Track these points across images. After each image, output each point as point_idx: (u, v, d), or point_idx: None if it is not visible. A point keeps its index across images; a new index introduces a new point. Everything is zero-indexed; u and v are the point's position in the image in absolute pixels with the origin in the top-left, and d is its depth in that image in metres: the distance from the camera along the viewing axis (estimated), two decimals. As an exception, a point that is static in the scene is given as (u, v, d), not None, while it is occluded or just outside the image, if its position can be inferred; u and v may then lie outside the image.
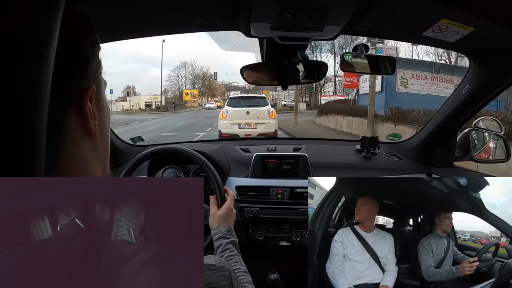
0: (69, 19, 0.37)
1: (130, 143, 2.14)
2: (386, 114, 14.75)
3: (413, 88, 17.38)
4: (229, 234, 1.21)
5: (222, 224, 1.26)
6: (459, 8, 1.03)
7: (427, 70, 17.61)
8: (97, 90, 0.49)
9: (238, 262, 1.09)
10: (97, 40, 0.49)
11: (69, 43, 0.42)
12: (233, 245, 1.16)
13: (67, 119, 0.44)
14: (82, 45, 0.46)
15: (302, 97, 38.54)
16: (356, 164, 2.02)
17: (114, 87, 35.02)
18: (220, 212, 1.31)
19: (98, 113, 0.49)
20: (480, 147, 1.81)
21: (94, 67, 0.48)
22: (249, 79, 1.52)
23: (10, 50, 0.28)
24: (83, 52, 0.46)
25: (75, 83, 0.45)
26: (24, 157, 0.31)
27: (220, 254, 1.13)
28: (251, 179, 1.86)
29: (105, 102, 0.53)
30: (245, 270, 1.05)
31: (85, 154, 0.47)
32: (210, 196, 1.41)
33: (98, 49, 0.50)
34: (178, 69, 51.10)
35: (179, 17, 1.23)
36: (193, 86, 50.45)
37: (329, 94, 33.39)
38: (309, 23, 1.14)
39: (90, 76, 0.47)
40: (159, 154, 1.60)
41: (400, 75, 17.27)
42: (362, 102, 20.02)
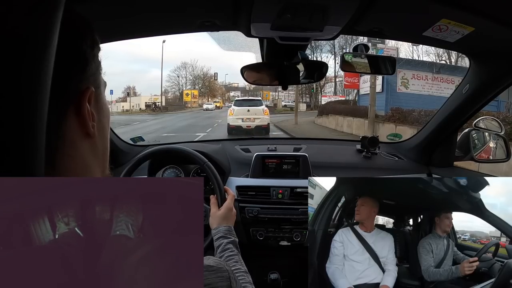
0: (68, 20, 0.37)
1: (131, 143, 2.14)
2: (387, 114, 14.71)
3: (413, 89, 17.40)
4: (229, 234, 1.21)
5: (222, 224, 1.26)
6: (459, 8, 1.04)
7: (428, 70, 17.66)
8: (96, 91, 0.49)
9: (238, 262, 1.09)
10: (96, 41, 0.49)
11: (68, 44, 0.42)
12: (233, 244, 1.16)
13: (66, 121, 0.44)
14: (81, 46, 0.46)
15: (303, 98, 38.41)
16: (356, 164, 2.02)
17: (114, 87, 34.53)
18: (220, 212, 1.31)
19: (97, 114, 0.49)
20: (480, 147, 1.81)
21: (93, 68, 0.48)
22: (249, 79, 1.52)
23: (9, 50, 0.28)
24: (82, 53, 0.46)
25: (73, 85, 0.45)
26: (24, 158, 0.31)
27: (220, 254, 1.12)
28: (252, 179, 1.86)
29: (105, 103, 0.53)
30: (245, 270, 1.05)
31: (83, 155, 0.47)
32: (211, 196, 1.41)
33: (97, 50, 0.50)
34: (179, 69, 50.56)
35: (180, 17, 1.23)
36: (194, 87, 49.55)
37: (330, 94, 33.24)
38: (309, 23, 1.14)
39: (89, 78, 0.47)
40: (159, 154, 1.60)
41: (400, 75, 17.29)
42: (362, 102, 20.02)
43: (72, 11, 0.45)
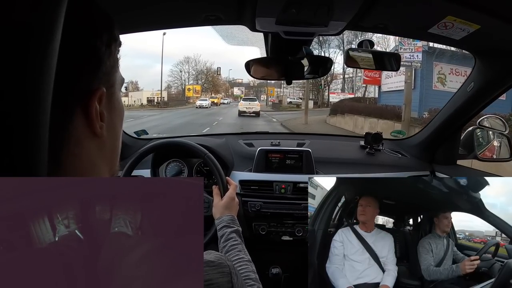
0: (83, 15, 0.36)
1: (134, 137, 2.15)
2: (422, 116, 12.71)
3: (451, 86, 14.19)
4: (232, 223, 1.22)
5: (225, 213, 1.26)
6: (465, 5, 1.03)
7: (467, 65, 12.77)
8: (110, 90, 0.47)
9: (241, 251, 1.10)
10: (114, 38, 0.47)
11: (80, 42, 0.40)
12: (236, 234, 1.17)
13: (72, 120, 0.42)
14: (95, 44, 0.43)
15: (310, 94, 35.87)
16: (359, 160, 2.02)
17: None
18: (223, 202, 1.31)
19: (108, 113, 0.47)
20: (484, 145, 1.80)
21: (107, 67, 0.46)
22: (253, 73, 1.52)
23: (11, 45, 0.28)
24: (95, 52, 0.43)
25: (83, 84, 0.42)
26: (27, 155, 0.31)
27: (224, 243, 1.13)
28: (255, 173, 1.87)
29: (119, 102, 0.51)
30: (248, 259, 1.06)
31: (90, 154, 0.46)
32: (213, 186, 1.42)
33: (115, 48, 0.47)
34: (181, 64, 50.03)
35: (184, 10, 1.23)
36: (196, 82, 48.96)
37: (337, 91, 32.83)
38: (314, 18, 1.14)
39: (102, 77, 0.45)
40: (161, 148, 1.61)
41: (437, 69, 14.99)
42: (384, 100, 18.27)
43: (91, 5, 0.43)
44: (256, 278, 0.99)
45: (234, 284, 0.61)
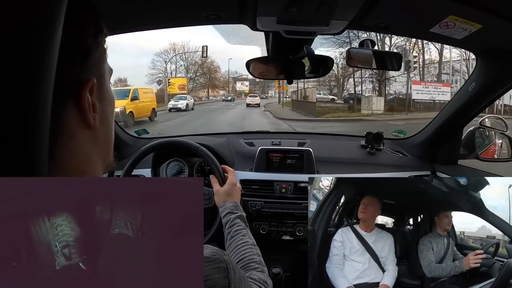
0: (70, 8, 0.36)
1: (135, 136, 2.15)
2: None
3: None
4: (236, 209, 1.22)
5: (228, 200, 1.26)
6: (467, 5, 1.03)
7: None
8: (100, 81, 0.47)
9: (245, 235, 1.10)
10: (101, 29, 0.47)
11: (68, 33, 0.39)
12: (240, 219, 1.17)
13: (65, 112, 0.42)
14: (82, 35, 0.44)
15: (362, 85, 24.96)
16: (360, 160, 2.02)
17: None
18: (224, 189, 1.31)
19: (99, 104, 0.47)
20: (485, 145, 1.79)
21: (96, 58, 0.46)
22: (255, 72, 1.52)
23: (12, 43, 0.28)
24: (83, 43, 0.44)
25: (73, 76, 0.43)
26: (27, 151, 0.31)
27: (228, 229, 1.14)
28: (255, 173, 1.86)
29: (109, 92, 0.52)
30: (253, 243, 1.07)
31: (84, 146, 0.46)
32: (210, 176, 1.41)
33: (102, 38, 0.48)
34: (166, 52, 34.29)
35: (185, 10, 1.22)
36: (186, 75, 34.86)
37: (425, 81, 22.22)
38: (315, 17, 1.13)
39: (91, 68, 0.46)
40: (155, 148, 1.60)
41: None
42: None
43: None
44: (260, 261, 1.00)
45: (231, 280, 0.61)
